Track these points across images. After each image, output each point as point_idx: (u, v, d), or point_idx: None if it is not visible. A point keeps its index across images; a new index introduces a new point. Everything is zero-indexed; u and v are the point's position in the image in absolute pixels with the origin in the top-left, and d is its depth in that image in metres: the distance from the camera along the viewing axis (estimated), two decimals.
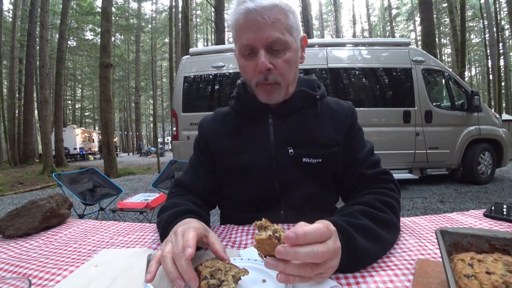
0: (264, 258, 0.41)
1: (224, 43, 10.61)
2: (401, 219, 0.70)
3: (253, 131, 0.76)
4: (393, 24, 33.37)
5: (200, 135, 0.83)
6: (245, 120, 0.78)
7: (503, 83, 17.76)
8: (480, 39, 25.75)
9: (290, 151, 0.72)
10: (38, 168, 11.05)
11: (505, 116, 9.90)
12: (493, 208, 0.73)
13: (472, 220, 0.69)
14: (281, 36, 0.64)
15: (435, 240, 0.58)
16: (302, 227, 0.39)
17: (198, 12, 29.77)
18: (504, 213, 0.70)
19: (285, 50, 0.66)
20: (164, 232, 0.59)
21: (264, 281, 0.44)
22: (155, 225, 0.78)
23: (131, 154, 30.42)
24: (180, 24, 14.99)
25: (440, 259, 0.49)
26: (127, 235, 0.71)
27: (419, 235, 0.62)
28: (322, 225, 0.41)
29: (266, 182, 0.73)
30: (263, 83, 0.68)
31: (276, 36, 0.63)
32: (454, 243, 0.42)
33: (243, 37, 0.66)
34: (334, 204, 0.81)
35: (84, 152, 21.58)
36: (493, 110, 5.62)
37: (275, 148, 0.73)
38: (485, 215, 0.71)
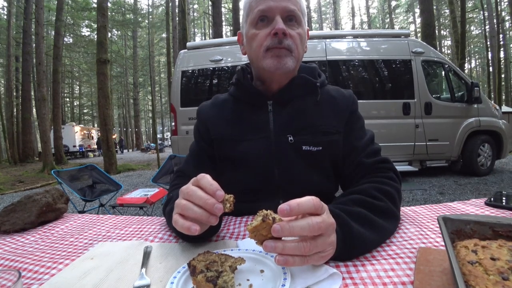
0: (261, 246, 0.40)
1: (221, 37, 10.51)
2: (402, 208, 0.69)
3: (252, 118, 0.75)
4: (393, 16, 33.06)
5: (199, 121, 0.82)
6: (245, 106, 0.77)
7: (503, 75, 17.65)
8: (480, 31, 25.53)
9: (290, 138, 0.71)
10: (38, 166, 11.06)
11: (505, 108, 9.85)
12: (494, 197, 0.73)
13: (474, 208, 0.69)
14: (297, 10, 0.68)
15: (436, 229, 0.57)
16: (295, 199, 0.39)
17: (195, 6, 29.47)
18: (503, 201, 0.69)
19: (298, 24, 0.70)
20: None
21: (262, 271, 0.43)
22: (152, 218, 0.77)
23: (130, 150, 30.45)
24: (177, 18, 14.83)
25: (442, 248, 0.48)
26: (124, 228, 0.70)
27: (420, 223, 0.61)
28: (314, 197, 0.40)
29: (265, 170, 0.72)
30: (275, 47, 0.67)
31: (293, 7, 0.67)
32: (457, 230, 0.41)
33: (261, 4, 0.68)
34: (333, 193, 0.80)
35: (83, 149, 21.57)
36: (493, 102, 5.59)
37: (274, 135, 0.72)
38: (487, 204, 0.71)
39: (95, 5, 12.48)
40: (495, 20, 14.85)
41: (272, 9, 0.66)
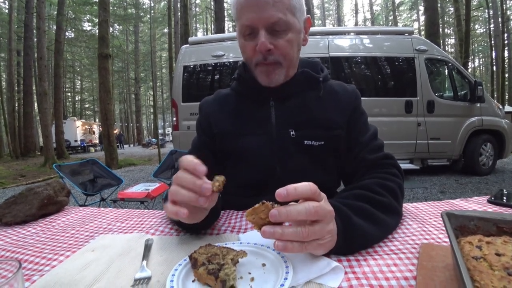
0: (260, 231, 0.40)
1: (224, 32, 10.45)
2: (404, 204, 0.68)
3: (254, 113, 0.75)
4: (396, 13, 32.74)
5: (201, 115, 0.82)
6: (246, 101, 0.77)
7: (506, 75, 17.53)
8: (484, 29, 25.31)
9: (291, 133, 0.71)
10: (39, 161, 11.10)
11: (507, 108, 9.80)
12: (495, 195, 0.72)
13: (476, 206, 0.68)
14: (283, 16, 0.62)
15: (439, 225, 0.57)
16: (292, 184, 0.39)
17: (197, 1, 29.27)
18: (504, 199, 0.69)
19: (287, 30, 0.65)
20: None
21: (263, 265, 0.43)
22: (154, 211, 0.77)
23: (131, 145, 30.51)
24: (179, 13, 14.73)
25: (445, 244, 0.48)
26: (125, 221, 0.70)
27: (422, 220, 0.61)
28: (311, 183, 0.40)
29: (266, 165, 0.72)
30: (262, 63, 0.67)
31: (278, 16, 0.62)
32: (461, 226, 0.41)
33: (243, 17, 0.64)
34: (335, 188, 0.79)
35: (85, 144, 21.62)
36: (496, 101, 5.55)
37: (276, 130, 0.72)
38: (489, 201, 0.70)
39: (96, 0, 12.41)
40: (500, 19, 14.70)
41: (255, 22, 0.63)
